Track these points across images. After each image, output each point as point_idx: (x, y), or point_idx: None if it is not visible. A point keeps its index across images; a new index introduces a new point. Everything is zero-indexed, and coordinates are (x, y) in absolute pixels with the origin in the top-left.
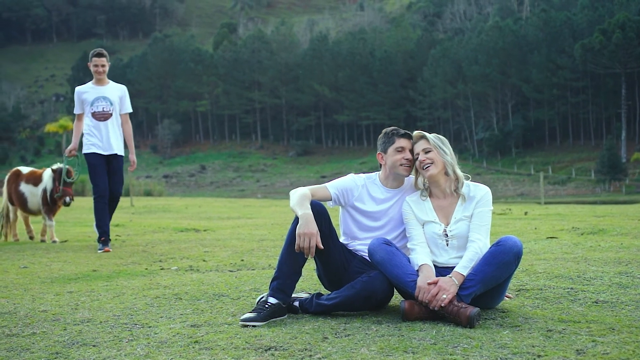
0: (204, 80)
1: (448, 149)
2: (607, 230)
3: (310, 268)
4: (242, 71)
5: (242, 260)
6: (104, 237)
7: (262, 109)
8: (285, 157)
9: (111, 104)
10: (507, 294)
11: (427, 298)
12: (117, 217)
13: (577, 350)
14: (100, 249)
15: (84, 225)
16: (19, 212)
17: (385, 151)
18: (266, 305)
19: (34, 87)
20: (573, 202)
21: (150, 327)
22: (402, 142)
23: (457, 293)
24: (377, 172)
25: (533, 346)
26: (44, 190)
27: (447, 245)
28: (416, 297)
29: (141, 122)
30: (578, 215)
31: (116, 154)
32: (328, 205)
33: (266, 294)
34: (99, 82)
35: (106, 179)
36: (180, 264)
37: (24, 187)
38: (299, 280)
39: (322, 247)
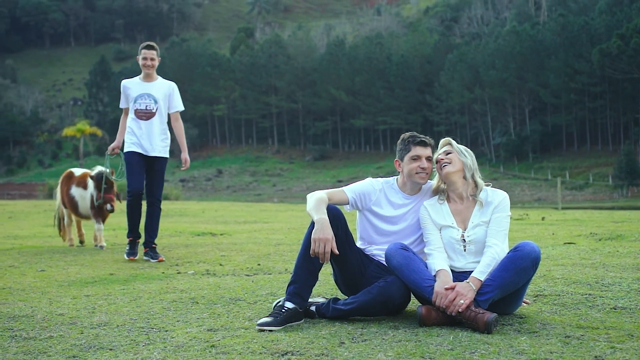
0: (220, 85)
1: (470, 156)
2: (625, 236)
3: (326, 272)
4: (259, 75)
5: (259, 264)
6: (131, 237)
7: (279, 114)
8: (301, 161)
9: (155, 102)
10: (524, 299)
11: (444, 303)
12: None
13: (596, 357)
14: (127, 257)
15: None
16: (73, 216)
17: (402, 159)
18: (283, 310)
19: (51, 91)
20: (590, 207)
21: (166, 331)
22: (418, 151)
23: (474, 298)
24: (396, 177)
25: (551, 352)
26: (92, 195)
27: (465, 250)
28: (433, 303)
29: None
30: (596, 220)
31: (158, 157)
32: (345, 209)
33: (283, 298)
34: (147, 77)
35: (141, 178)
36: (197, 268)
37: (75, 191)
38: (316, 285)
39: (337, 252)
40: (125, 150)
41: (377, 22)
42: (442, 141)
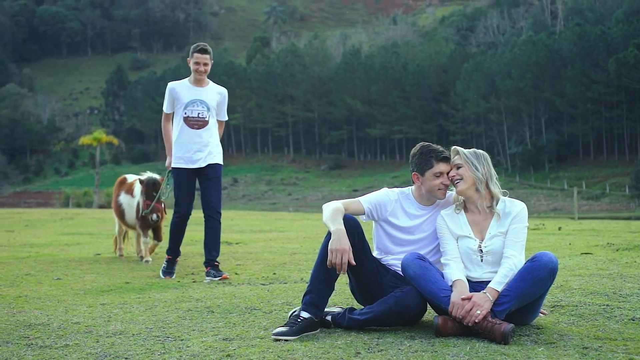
0: (236, 94)
1: (481, 164)
2: None
3: (343, 282)
4: (274, 85)
5: (274, 273)
6: (170, 256)
7: (295, 123)
8: (317, 170)
9: (208, 109)
10: (541, 310)
11: (460, 314)
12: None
13: None
14: (163, 271)
15: None
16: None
17: (422, 173)
18: (298, 320)
19: (68, 99)
20: (607, 217)
21: (182, 340)
22: (441, 167)
23: (491, 309)
24: (411, 187)
25: None
26: (138, 203)
27: (482, 260)
28: (450, 313)
29: None
30: (613, 230)
31: (212, 164)
32: (361, 219)
33: (298, 308)
34: (198, 82)
35: (191, 200)
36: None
37: (123, 198)
38: (332, 295)
39: (354, 263)
40: (173, 165)
41: (393, 31)
42: (451, 150)
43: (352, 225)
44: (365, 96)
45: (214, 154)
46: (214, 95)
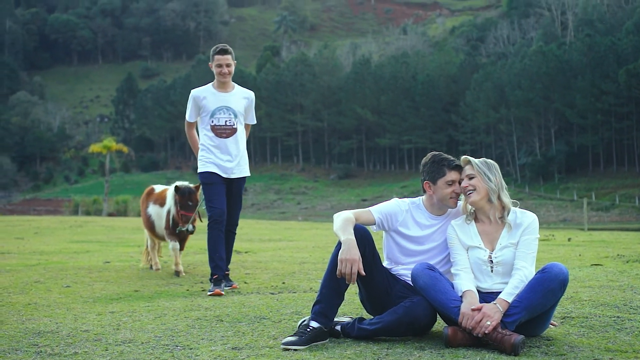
0: None
1: (494, 175)
2: None
3: (352, 292)
4: (284, 94)
5: (284, 282)
6: (217, 274)
7: (304, 132)
8: (326, 180)
9: (235, 115)
10: (552, 321)
11: (470, 324)
12: None
13: None
14: (210, 291)
15: (126, 245)
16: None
17: (434, 182)
18: (308, 329)
19: (79, 107)
20: (617, 228)
21: (191, 349)
22: (453, 175)
23: (501, 320)
24: (421, 197)
25: None
26: (168, 212)
27: (492, 271)
28: (460, 323)
29: (183, 144)
30: (623, 242)
31: (239, 177)
32: (371, 229)
33: (308, 317)
34: (223, 86)
35: (224, 199)
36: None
37: (152, 209)
38: (341, 304)
39: (363, 273)
40: (200, 170)
41: (403, 41)
42: (462, 160)
43: (362, 235)
44: (374, 106)
45: (242, 165)
46: (241, 100)
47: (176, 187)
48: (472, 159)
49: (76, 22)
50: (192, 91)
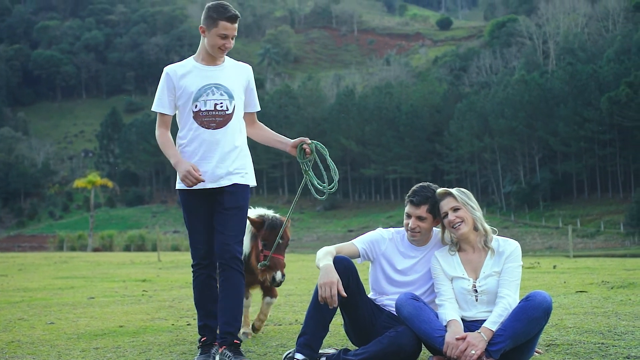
0: None
1: (474, 203)
2: (638, 284)
3: (337, 323)
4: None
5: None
6: (205, 337)
7: (289, 164)
8: (312, 211)
9: (230, 97)
10: (536, 349)
11: (455, 354)
12: (144, 272)
13: None
14: None
15: (111, 280)
16: None
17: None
18: None
19: (63, 143)
20: (602, 255)
21: None
22: (407, 208)
23: (486, 349)
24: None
25: None
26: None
27: (477, 300)
28: (444, 353)
29: (169, 177)
30: (608, 268)
31: (229, 186)
32: (357, 262)
33: (293, 349)
34: (211, 60)
35: (208, 236)
36: None
37: None
38: (326, 336)
39: (344, 294)
40: (178, 186)
41: (386, 72)
42: (439, 192)
43: (346, 267)
44: (359, 136)
45: (240, 169)
46: (237, 76)
47: (263, 218)
48: (451, 190)
49: (60, 58)
50: (166, 68)
